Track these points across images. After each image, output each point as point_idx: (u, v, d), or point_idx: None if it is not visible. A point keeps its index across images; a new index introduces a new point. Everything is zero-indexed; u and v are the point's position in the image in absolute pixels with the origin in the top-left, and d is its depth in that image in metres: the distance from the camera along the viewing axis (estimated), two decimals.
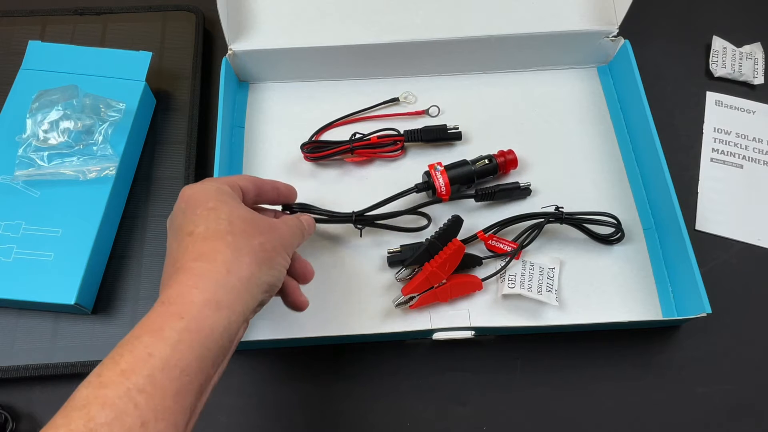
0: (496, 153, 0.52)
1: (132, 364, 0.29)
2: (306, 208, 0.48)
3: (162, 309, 0.31)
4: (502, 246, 0.48)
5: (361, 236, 0.50)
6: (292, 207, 0.48)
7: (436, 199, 0.50)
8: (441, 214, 0.51)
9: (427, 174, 0.51)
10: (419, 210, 0.50)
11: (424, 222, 0.50)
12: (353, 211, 0.49)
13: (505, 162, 0.51)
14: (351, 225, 0.49)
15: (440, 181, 0.50)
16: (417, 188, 0.50)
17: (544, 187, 0.53)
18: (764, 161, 0.56)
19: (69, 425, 0.27)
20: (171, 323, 0.30)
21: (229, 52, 0.54)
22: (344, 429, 0.44)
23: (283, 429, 0.44)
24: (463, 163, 0.51)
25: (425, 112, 0.56)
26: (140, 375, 0.28)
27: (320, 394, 0.45)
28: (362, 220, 0.49)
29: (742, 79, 0.60)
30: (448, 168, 0.50)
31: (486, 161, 0.51)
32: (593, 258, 0.50)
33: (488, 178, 0.52)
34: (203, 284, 0.32)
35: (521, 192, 0.51)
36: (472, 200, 0.51)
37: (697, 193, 0.54)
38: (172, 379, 0.29)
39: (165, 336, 0.30)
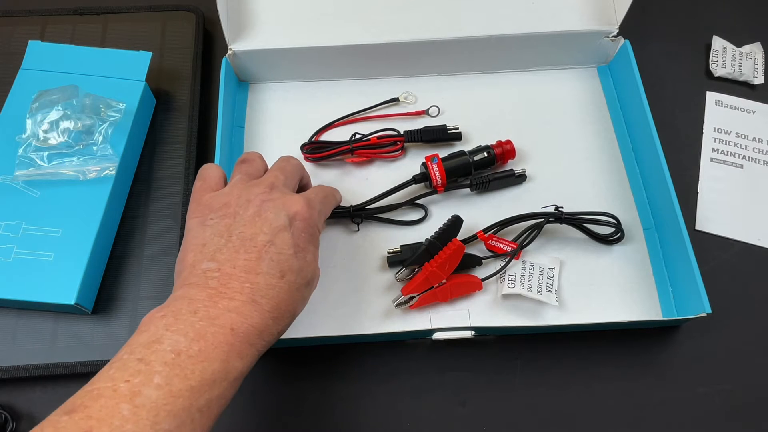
0: (494, 143, 0.52)
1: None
2: None
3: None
4: (501, 246, 0.48)
5: (358, 230, 0.50)
6: None
7: (433, 190, 0.51)
8: (439, 207, 0.51)
9: (424, 165, 0.51)
10: (416, 202, 0.50)
11: (422, 214, 0.50)
12: (351, 205, 0.50)
13: (503, 152, 0.52)
14: (350, 225, 0.50)
15: (436, 174, 0.50)
16: (415, 180, 0.51)
17: (544, 187, 0.53)
18: (764, 161, 0.56)
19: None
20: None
21: (229, 52, 0.54)
22: (344, 429, 0.44)
23: (282, 429, 0.44)
24: (461, 154, 0.51)
25: (425, 112, 0.56)
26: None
27: (320, 394, 0.45)
28: (360, 213, 0.50)
29: (742, 79, 0.60)
30: (445, 159, 0.51)
31: (485, 154, 0.51)
32: (593, 258, 0.50)
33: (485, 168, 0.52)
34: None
35: (516, 179, 0.52)
36: (471, 194, 0.51)
37: (697, 193, 0.54)
38: None
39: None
